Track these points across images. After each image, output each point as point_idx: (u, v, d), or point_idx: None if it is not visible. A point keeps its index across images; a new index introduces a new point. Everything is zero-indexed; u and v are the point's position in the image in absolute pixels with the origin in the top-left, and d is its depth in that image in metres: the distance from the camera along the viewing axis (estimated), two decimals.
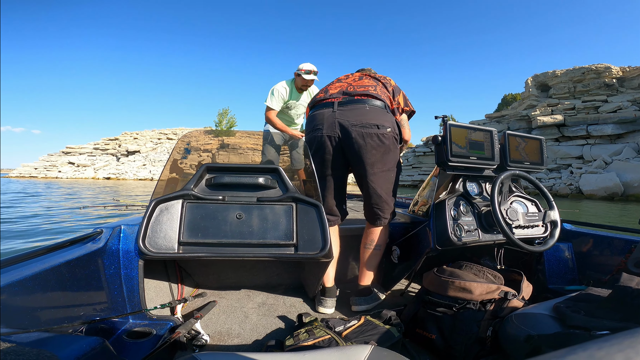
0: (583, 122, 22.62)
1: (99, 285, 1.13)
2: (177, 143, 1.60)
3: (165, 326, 1.15)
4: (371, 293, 1.57)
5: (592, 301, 0.97)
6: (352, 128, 1.43)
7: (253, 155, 3.25)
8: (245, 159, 1.94)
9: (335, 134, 1.45)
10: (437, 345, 1.14)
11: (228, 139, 1.92)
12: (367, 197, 1.53)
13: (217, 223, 1.18)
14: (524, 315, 0.98)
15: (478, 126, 1.47)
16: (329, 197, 1.56)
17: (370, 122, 1.44)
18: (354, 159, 1.48)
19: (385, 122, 1.47)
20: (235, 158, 2.37)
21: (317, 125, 1.49)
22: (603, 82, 24.47)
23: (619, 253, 1.41)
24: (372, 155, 1.45)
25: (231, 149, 1.88)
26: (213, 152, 2.59)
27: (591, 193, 17.12)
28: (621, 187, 16.56)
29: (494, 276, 1.25)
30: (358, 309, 1.52)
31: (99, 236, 1.23)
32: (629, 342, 0.21)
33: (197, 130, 4.44)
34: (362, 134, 1.43)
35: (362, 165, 1.48)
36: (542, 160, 1.62)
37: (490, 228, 1.43)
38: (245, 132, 2.18)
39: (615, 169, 17.72)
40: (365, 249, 1.59)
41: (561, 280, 1.56)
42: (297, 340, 1.05)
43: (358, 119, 1.44)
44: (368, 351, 0.66)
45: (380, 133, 1.44)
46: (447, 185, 1.52)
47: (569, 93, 25.76)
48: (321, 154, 1.49)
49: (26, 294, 0.82)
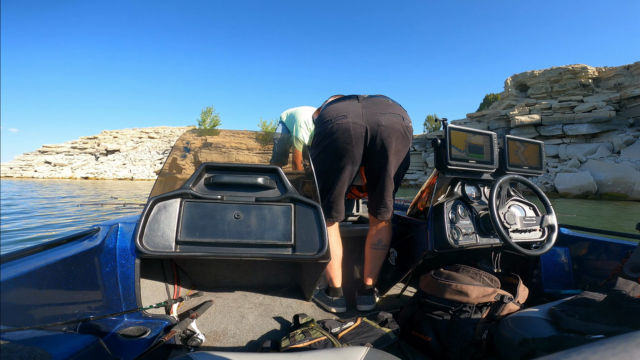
0: (559, 122, 23.00)
1: (94, 283, 1.12)
2: (176, 142, 1.60)
3: (161, 325, 1.14)
4: (374, 292, 1.59)
5: (588, 305, 0.98)
6: (380, 116, 1.41)
7: (253, 155, 3.23)
8: (246, 158, 1.93)
9: (362, 123, 1.41)
10: (433, 347, 1.14)
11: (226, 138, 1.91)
12: (380, 188, 1.51)
13: (215, 222, 1.17)
14: (520, 318, 0.99)
15: (478, 130, 1.48)
16: (341, 190, 1.51)
17: (396, 112, 1.46)
18: (378, 147, 1.43)
19: (407, 116, 1.50)
20: (235, 158, 2.37)
21: (341, 114, 1.42)
22: (579, 83, 24.93)
23: (615, 258, 1.42)
24: (396, 144, 1.45)
25: (231, 148, 1.88)
26: (211, 151, 2.58)
27: (566, 191, 17.35)
28: (595, 185, 16.83)
29: (490, 279, 1.26)
30: (365, 308, 1.53)
31: (96, 234, 1.23)
32: (624, 346, 0.21)
33: (195, 129, 4.46)
34: (390, 121, 1.42)
35: (384, 154, 1.44)
36: (541, 164, 1.63)
37: (487, 232, 1.43)
38: (248, 132, 2.18)
39: (590, 167, 18.00)
40: (372, 249, 1.59)
41: (557, 284, 1.56)
42: (293, 341, 1.04)
43: (385, 109, 1.44)
44: (364, 353, 0.66)
45: (405, 125, 1.46)
46: (445, 188, 1.52)
47: (547, 93, 26.16)
48: (341, 143, 1.41)
49: (21, 291, 0.81)
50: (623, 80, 23.68)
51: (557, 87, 25.61)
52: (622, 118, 21.60)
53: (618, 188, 16.21)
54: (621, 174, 16.33)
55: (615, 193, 16.24)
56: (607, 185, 16.60)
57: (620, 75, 23.93)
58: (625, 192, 15.92)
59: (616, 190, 16.26)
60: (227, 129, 3.01)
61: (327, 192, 1.51)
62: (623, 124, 21.24)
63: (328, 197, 1.51)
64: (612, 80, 24.25)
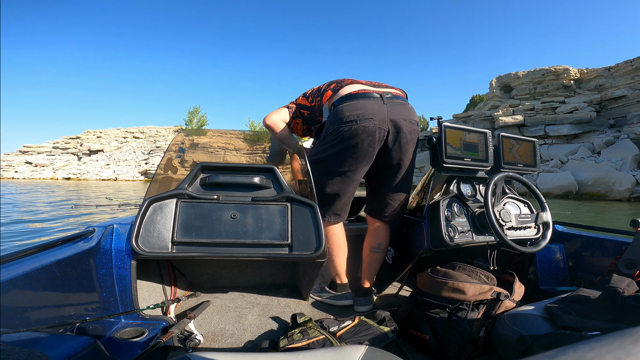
0: (541, 123, 23.25)
1: (90, 285, 1.11)
2: (171, 141, 1.59)
3: (158, 326, 1.14)
4: (372, 293, 1.59)
5: (583, 302, 0.99)
6: (404, 122, 1.40)
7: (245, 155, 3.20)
8: (240, 159, 1.93)
9: (387, 127, 1.38)
10: (431, 345, 1.14)
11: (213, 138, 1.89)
12: (387, 189, 1.51)
13: (211, 223, 1.17)
14: (516, 315, 0.99)
15: (473, 128, 1.48)
16: (354, 191, 1.51)
17: (414, 119, 1.45)
18: (395, 152, 1.42)
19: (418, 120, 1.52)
20: (230, 158, 2.36)
21: (368, 115, 1.36)
22: (561, 84, 25.28)
23: (610, 254, 1.43)
24: (412, 151, 1.46)
25: (218, 148, 1.87)
26: (210, 151, 2.56)
27: (547, 191, 17.55)
28: (576, 185, 17.03)
29: (486, 277, 1.26)
30: (363, 309, 1.53)
31: (91, 235, 1.22)
32: (619, 342, 0.21)
33: (190, 130, 4.36)
34: (410, 129, 1.42)
35: (402, 159, 1.44)
36: (535, 162, 1.64)
37: (483, 229, 1.44)
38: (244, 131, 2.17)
39: (571, 168, 18.23)
40: (372, 252, 1.58)
41: (553, 281, 1.58)
42: (291, 341, 1.04)
43: (407, 115, 1.43)
44: (362, 351, 0.66)
45: (418, 131, 1.48)
46: (441, 186, 1.53)
47: (530, 94, 26.46)
48: (365, 145, 1.38)
49: (16, 293, 0.81)
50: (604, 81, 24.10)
51: (540, 88, 25.96)
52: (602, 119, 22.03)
53: (598, 188, 16.46)
54: (601, 174, 16.60)
55: (595, 193, 16.48)
56: (588, 185, 16.83)
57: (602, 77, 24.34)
58: (605, 191, 16.19)
59: (596, 190, 16.51)
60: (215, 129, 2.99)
61: (340, 194, 1.46)
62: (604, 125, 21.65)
63: (340, 199, 1.47)
64: (594, 82, 24.65)
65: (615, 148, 18.24)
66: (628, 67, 22.44)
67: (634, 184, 15.55)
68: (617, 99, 21.97)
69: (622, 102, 21.49)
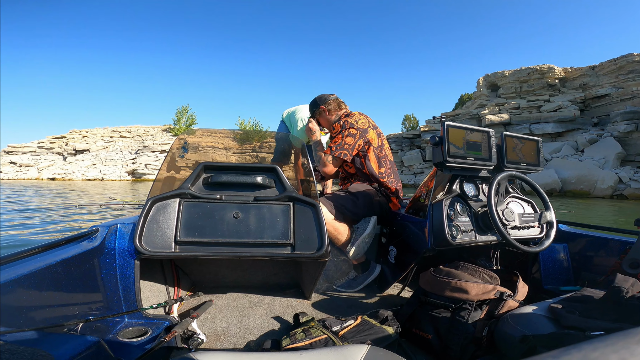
0: (526, 121, 23.37)
1: (94, 284, 1.12)
2: (174, 142, 1.59)
3: (161, 325, 1.14)
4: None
5: (587, 302, 0.98)
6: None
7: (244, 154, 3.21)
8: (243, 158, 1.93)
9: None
10: (434, 345, 1.14)
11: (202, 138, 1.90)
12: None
13: (214, 222, 1.17)
14: (520, 315, 0.99)
15: (476, 127, 1.48)
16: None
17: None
18: None
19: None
20: (234, 158, 2.37)
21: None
22: (546, 83, 25.30)
23: (614, 254, 1.42)
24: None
25: (230, 148, 1.88)
26: (211, 151, 2.57)
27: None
28: (559, 183, 17.05)
29: (490, 276, 1.26)
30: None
31: (95, 235, 1.22)
32: (623, 342, 0.21)
33: (193, 129, 4.39)
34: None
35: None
36: (539, 161, 1.63)
37: (486, 228, 1.43)
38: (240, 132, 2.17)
39: (555, 166, 18.23)
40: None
41: (556, 281, 1.57)
42: (294, 340, 1.05)
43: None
44: (364, 351, 0.66)
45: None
46: (444, 185, 1.53)
47: (516, 93, 26.51)
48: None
49: (21, 293, 0.81)
50: (588, 80, 24.16)
51: (525, 87, 26.10)
52: (586, 117, 22.11)
53: (581, 186, 16.55)
54: (585, 172, 16.69)
55: (578, 190, 16.57)
56: (571, 183, 16.92)
57: (586, 76, 24.41)
58: (588, 189, 16.27)
59: (580, 187, 16.61)
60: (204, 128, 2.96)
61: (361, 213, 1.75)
62: (587, 123, 21.74)
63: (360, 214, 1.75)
64: (578, 81, 24.75)
65: (598, 146, 18.28)
66: (612, 66, 22.48)
67: (616, 182, 15.63)
68: (600, 98, 22.05)
69: (606, 101, 21.57)
